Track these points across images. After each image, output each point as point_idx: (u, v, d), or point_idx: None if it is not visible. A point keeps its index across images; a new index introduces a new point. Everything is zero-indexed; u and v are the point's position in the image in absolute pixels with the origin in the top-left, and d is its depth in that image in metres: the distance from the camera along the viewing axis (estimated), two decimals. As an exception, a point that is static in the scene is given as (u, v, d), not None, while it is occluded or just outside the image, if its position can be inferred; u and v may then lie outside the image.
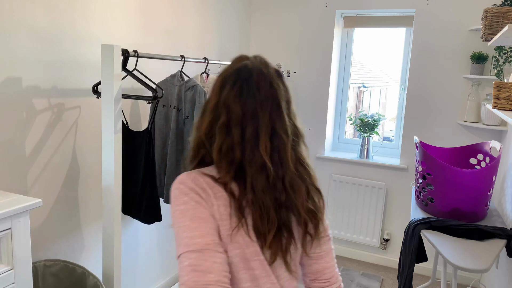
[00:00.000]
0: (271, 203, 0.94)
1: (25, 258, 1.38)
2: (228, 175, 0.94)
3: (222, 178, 0.94)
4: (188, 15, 2.68)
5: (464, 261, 1.69)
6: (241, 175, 0.94)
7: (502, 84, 1.77)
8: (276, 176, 0.94)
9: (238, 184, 0.95)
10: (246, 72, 0.95)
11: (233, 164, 0.94)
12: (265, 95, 0.94)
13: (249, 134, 0.93)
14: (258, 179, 0.93)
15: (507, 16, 1.92)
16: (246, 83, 0.94)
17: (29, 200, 1.37)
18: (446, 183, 2.02)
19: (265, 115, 0.93)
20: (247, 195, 0.93)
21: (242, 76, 0.95)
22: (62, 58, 1.85)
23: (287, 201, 0.95)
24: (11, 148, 1.68)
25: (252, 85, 0.94)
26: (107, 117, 1.70)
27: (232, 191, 0.94)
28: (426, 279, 3.15)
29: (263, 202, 0.93)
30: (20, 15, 1.65)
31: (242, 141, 0.93)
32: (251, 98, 0.93)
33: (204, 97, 2.09)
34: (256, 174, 0.93)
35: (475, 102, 2.82)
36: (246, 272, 0.95)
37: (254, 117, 0.93)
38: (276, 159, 0.94)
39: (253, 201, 0.93)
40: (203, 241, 0.90)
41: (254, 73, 0.95)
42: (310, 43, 3.36)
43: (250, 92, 0.94)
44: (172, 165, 2.21)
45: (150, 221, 2.07)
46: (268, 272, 0.97)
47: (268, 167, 0.92)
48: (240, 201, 0.93)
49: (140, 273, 2.57)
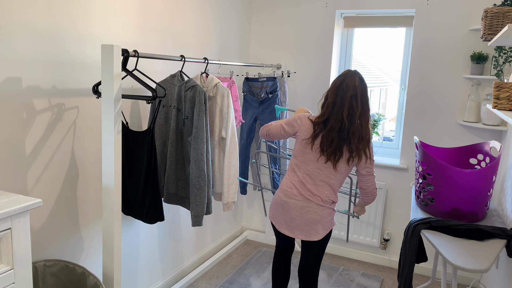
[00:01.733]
0: (336, 137, 1.92)
1: (25, 258, 1.38)
2: (318, 119, 1.98)
3: (315, 120, 1.99)
4: (188, 15, 2.68)
5: (464, 261, 1.69)
6: (326, 123, 1.96)
7: (502, 84, 1.77)
8: (345, 126, 1.92)
9: (323, 125, 1.96)
10: (342, 78, 1.97)
11: (324, 116, 1.97)
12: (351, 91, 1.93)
13: (338, 105, 1.93)
14: (335, 125, 1.92)
15: (507, 16, 1.92)
16: (340, 84, 1.96)
17: (29, 200, 1.37)
18: (446, 183, 2.02)
19: (347, 100, 1.92)
20: (324, 131, 1.95)
21: (339, 81, 1.97)
22: (62, 58, 1.85)
23: (346, 139, 1.93)
24: (11, 148, 1.68)
25: (343, 86, 1.95)
26: (107, 117, 1.70)
27: (315, 126, 1.97)
28: (426, 279, 3.15)
29: (331, 136, 1.93)
30: (20, 15, 1.65)
31: (333, 107, 1.94)
32: (342, 92, 1.94)
33: (204, 97, 2.09)
34: (335, 123, 1.92)
35: (475, 102, 2.82)
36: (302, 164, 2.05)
37: (342, 99, 1.93)
38: (349, 118, 1.92)
39: (325, 135, 1.94)
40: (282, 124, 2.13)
41: (347, 78, 1.95)
42: (310, 43, 3.37)
43: (343, 89, 1.95)
44: (172, 164, 2.21)
45: (153, 220, 2.07)
46: (315, 167, 2.01)
47: (344, 120, 1.91)
48: (315, 130, 1.97)
49: (140, 273, 2.57)
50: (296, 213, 2.02)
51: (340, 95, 1.92)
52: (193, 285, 2.94)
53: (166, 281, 2.81)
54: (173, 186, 2.25)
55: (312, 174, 2.01)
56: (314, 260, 2.15)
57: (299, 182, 2.03)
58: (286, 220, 2.06)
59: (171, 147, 2.19)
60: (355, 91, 1.91)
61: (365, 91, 1.95)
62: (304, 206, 2.01)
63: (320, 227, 2.03)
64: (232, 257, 3.40)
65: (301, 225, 2.03)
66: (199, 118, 2.09)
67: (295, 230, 2.05)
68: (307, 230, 2.03)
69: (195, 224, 2.16)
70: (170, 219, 2.79)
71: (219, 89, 2.29)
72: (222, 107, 2.29)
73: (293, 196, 2.02)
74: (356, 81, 1.92)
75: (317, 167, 2.00)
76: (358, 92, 1.91)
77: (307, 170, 2.02)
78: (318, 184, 2.01)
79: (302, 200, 2.01)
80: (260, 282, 2.99)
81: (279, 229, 2.11)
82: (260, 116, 3.18)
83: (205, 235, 3.26)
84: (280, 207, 2.07)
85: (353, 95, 1.91)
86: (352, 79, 1.92)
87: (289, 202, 2.03)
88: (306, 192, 2.01)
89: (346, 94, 1.91)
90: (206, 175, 2.13)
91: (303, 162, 2.02)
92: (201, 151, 2.10)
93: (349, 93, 1.91)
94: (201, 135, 2.10)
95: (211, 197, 2.24)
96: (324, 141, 1.94)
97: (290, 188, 2.04)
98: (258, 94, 3.22)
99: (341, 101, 1.91)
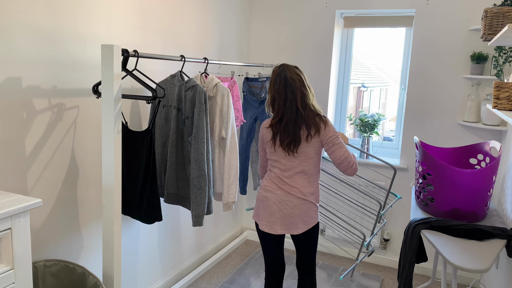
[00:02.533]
0: (292, 126, 2.02)
1: (25, 258, 1.38)
2: (273, 120, 2.08)
3: (270, 123, 2.10)
4: (188, 15, 2.68)
5: (464, 261, 1.69)
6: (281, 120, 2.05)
7: (502, 84, 1.77)
8: (300, 114, 2.02)
9: (279, 123, 2.05)
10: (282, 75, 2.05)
11: (278, 115, 2.06)
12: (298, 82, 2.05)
13: (290, 99, 2.03)
14: (290, 117, 2.02)
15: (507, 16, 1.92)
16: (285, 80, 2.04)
17: (29, 200, 1.37)
18: (446, 183, 2.02)
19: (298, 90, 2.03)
20: (280, 127, 2.05)
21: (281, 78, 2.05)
22: (62, 58, 1.85)
23: (303, 122, 2.03)
24: (11, 148, 1.68)
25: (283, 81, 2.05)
26: (107, 117, 1.70)
27: (272, 127, 2.08)
28: (426, 279, 3.15)
29: (287, 129, 2.03)
30: (20, 15, 1.65)
31: (284, 103, 2.03)
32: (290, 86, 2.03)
33: (204, 97, 2.09)
34: (290, 116, 2.02)
35: (475, 102, 2.82)
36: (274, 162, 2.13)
37: (293, 92, 2.03)
38: (303, 105, 2.04)
39: (282, 130, 2.04)
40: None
41: (286, 72, 2.04)
42: (310, 43, 3.37)
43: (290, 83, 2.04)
44: (172, 164, 2.21)
45: (151, 221, 2.07)
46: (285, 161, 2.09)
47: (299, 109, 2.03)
48: (273, 131, 2.07)
49: (140, 273, 2.57)
50: (275, 207, 2.07)
51: (290, 89, 2.02)
52: (193, 285, 2.94)
53: (166, 281, 2.81)
54: (173, 186, 2.25)
55: (285, 167, 2.08)
56: (307, 255, 2.18)
57: (276, 177, 2.10)
58: (266, 215, 2.10)
59: (171, 147, 2.19)
60: (301, 79, 2.04)
61: (304, 75, 2.10)
62: (284, 200, 2.06)
63: (299, 222, 2.07)
64: (232, 257, 3.40)
65: (281, 218, 2.07)
66: (199, 118, 2.09)
67: (274, 226, 2.08)
68: (287, 224, 2.07)
69: (195, 224, 2.16)
70: (170, 219, 2.79)
71: (219, 89, 2.29)
72: (222, 107, 2.29)
73: (272, 190, 2.09)
74: (295, 71, 2.05)
75: (288, 160, 2.08)
76: (304, 78, 2.06)
77: (280, 165, 2.09)
78: (293, 176, 2.07)
79: (281, 194, 2.07)
80: (260, 282, 2.99)
81: (261, 227, 2.13)
82: (260, 116, 3.18)
83: (205, 235, 3.26)
84: (261, 204, 2.13)
85: (301, 83, 2.04)
86: (290, 71, 2.04)
87: (269, 196, 2.09)
88: (284, 185, 2.07)
89: (295, 85, 2.02)
90: (206, 175, 2.13)
91: (275, 161, 2.10)
92: (201, 151, 2.10)
93: (297, 84, 2.02)
94: (201, 135, 2.10)
95: (212, 197, 2.24)
96: (283, 135, 2.05)
97: (269, 183, 2.12)
98: (258, 94, 3.22)
99: (292, 94, 2.02)
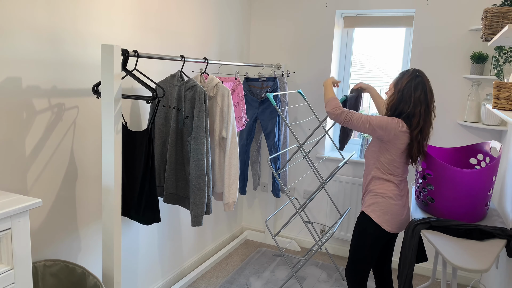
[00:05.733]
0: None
1: (25, 258, 1.38)
2: (415, 130, 1.97)
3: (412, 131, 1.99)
4: (188, 15, 2.68)
5: (464, 261, 1.69)
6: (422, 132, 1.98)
7: (502, 84, 1.77)
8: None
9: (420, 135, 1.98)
10: (420, 78, 1.98)
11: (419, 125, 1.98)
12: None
13: (428, 111, 1.98)
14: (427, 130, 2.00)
15: (507, 16, 1.92)
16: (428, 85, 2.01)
17: (29, 200, 1.37)
18: (446, 183, 2.02)
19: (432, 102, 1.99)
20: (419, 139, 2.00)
21: (424, 82, 1.99)
22: (62, 58, 1.85)
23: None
24: (11, 148, 1.68)
25: None
26: (107, 117, 1.70)
27: (412, 137, 1.99)
28: (426, 279, 3.15)
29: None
30: (20, 15, 1.65)
31: (427, 114, 1.98)
32: (431, 95, 1.99)
33: (204, 97, 2.09)
34: (428, 129, 2.00)
35: (475, 102, 2.82)
36: None
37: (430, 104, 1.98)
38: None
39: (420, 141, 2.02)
40: None
41: (423, 78, 1.99)
42: (310, 43, 3.37)
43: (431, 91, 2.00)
44: (172, 164, 2.21)
45: (149, 221, 2.06)
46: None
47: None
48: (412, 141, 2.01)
49: (140, 273, 2.57)
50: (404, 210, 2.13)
51: (431, 99, 1.95)
52: (193, 285, 2.94)
53: (166, 281, 2.81)
54: (172, 186, 2.25)
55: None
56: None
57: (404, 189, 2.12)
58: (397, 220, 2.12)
59: (171, 147, 2.19)
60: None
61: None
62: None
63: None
64: (232, 257, 3.40)
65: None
66: (199, 118, 2.09)
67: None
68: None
69: (195, 224, 2.16)
70: (170, 219, 2.79)
71: (220, 89, 2.29)
72: (222, 107, 2.29)
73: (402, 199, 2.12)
74: (427, 79, 1.97)
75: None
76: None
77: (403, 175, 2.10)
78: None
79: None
80: (260, 282, 2.99)
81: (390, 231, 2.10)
82: (260, 116, 3.18)
83: (205, 235, 3.26)
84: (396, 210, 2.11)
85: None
86: (424, 77, 1.95)
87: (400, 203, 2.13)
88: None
89: (432, 97, 1.96)
90: (206, 175, 2.13)
91: (404, 172, 2.10)
92: (201, 151, 2.10)
93: (431, 95, 1.96)
94: (201, 135, 2.10)
95: (211, 197, 2.24)
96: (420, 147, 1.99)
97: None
98: (258, 94, 3.22)
99: (429, 107, 1.95)
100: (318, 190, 2.55)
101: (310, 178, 3.53)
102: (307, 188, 3.57)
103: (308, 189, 3.56)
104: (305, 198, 3.56)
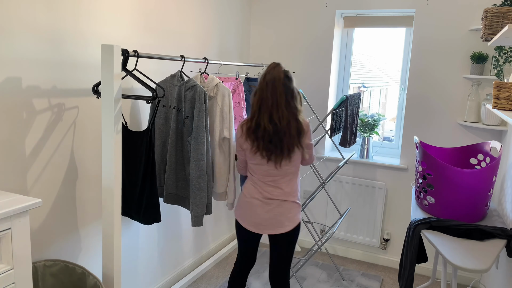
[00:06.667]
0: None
1: (25, 258, 1.38)
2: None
3: None
4: (188, 15, 2.68)
5: (464, 261, 1.69)
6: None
7: (502, 84, 1.77)
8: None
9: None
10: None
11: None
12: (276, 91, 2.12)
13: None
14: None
15: (507, 16, 1.92)
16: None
17: (29, 200, 1.37)
18: (446, 183, 2.02)
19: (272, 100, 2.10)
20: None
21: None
22: (62, 58, 1.85)
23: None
24: (11, 148, 1.68)
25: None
26: (107, 117, 1.70)
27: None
28: (426, 279, 3.15)
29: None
30: (20, 15, 1.65)
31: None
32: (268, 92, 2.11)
33: (204, 97, 2.09)
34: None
35: (475, 102, 2.82)
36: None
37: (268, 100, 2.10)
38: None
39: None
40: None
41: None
42: (310, 43, 3.36)
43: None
44: (172, 164, 2.21)
45: (150, 221, 2.06)
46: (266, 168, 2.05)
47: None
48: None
49: (140, 273, 2.57)
50: (260, 209, 2.03)
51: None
52: (193, 285, 2.94)
53: (166, 281, 2.81)
54: (173, 186, 2.25)
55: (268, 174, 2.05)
56: (284, 261, 2.11)
57: (259, 182, 2.07)
58: (252, 217, 2.06)
59: (171, 147, 2.19)
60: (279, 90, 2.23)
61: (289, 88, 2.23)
62: (268, 202, 2.03)
63: (284, 219, 2.03)
64: (232, 257, 3.40)
65: (265, 219, 2.04)
66: (199, 118, 2.09)
67: (259, 226, 2.05)
68: (273, 223, 2.04)
69: (195, 224, 2.16)
70: (170, 220, 2.79)
71: (220, 89, 2.29)
72: (223, 107, 2.29)
73: (256, 197, 2.06)
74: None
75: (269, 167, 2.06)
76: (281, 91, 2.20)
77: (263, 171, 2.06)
78: (276, 180, 2.05)
79: (264, 198, 2.04)
80: (260, 282, 2.99)
81: (246, 227, 2.08)
82: (260, 116, 3.17)
83: (205, 235, 3.26)
84: (245, 205, 2.08)
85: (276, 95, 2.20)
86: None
87: (253, 201, 2.05)
88: (268, 191, 2.05)
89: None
90: (206, 175, 2.13)
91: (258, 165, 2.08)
92: (201, 151, 2.10)
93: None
94: (201, 135, 2.09)
95: (211, 197, 2.24)
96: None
97: (252, 189, 2.08)
98: (258, 94, 3.22)
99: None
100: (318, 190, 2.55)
101: (310, 178, 3.53)
102: (307, 188, 3.57)
103: (308, 189, 3.56)
104: (305, 198, 3.56)
